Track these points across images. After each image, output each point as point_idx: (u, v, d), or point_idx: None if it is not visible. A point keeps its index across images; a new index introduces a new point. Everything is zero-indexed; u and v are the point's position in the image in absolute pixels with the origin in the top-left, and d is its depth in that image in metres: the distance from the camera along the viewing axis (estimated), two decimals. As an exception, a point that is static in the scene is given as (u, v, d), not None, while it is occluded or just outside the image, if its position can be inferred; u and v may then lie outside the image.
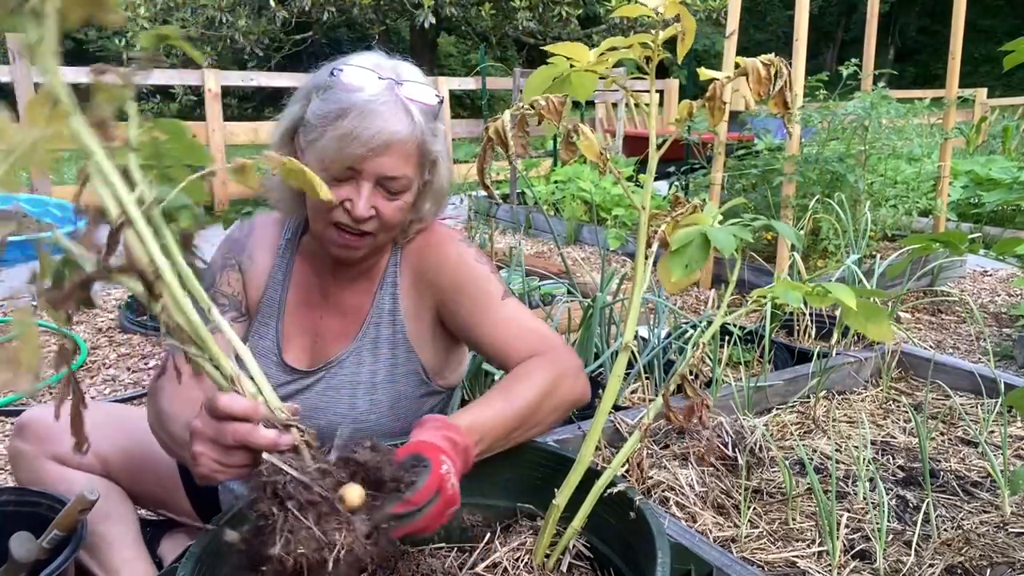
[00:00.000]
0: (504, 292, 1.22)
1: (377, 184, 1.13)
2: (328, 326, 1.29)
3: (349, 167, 1.11)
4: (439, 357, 1.30)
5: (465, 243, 1.27)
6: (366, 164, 1.10)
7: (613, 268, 2.23)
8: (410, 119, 1.11)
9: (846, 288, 0.95)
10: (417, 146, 1.13)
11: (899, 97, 3.91)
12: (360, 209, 1.12)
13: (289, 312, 1.30)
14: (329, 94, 1.12)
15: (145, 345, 3.10)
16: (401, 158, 1.12)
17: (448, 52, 23.80)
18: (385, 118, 1.08)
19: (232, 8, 10.22)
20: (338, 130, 1.08)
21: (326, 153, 1.11)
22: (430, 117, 1.15)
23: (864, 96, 3.53)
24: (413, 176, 1.16)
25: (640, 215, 0.95)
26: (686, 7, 0.90)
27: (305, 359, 1.28)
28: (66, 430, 1.34)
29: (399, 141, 1.10)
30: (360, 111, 1.08)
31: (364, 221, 1.14)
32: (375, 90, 1.10)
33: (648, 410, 1.00)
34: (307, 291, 1.31)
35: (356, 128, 1.08)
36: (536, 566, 0.99)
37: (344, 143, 1.09)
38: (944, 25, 4.10)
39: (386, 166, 1.11)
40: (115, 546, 1.29)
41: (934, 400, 2.03)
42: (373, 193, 1.13)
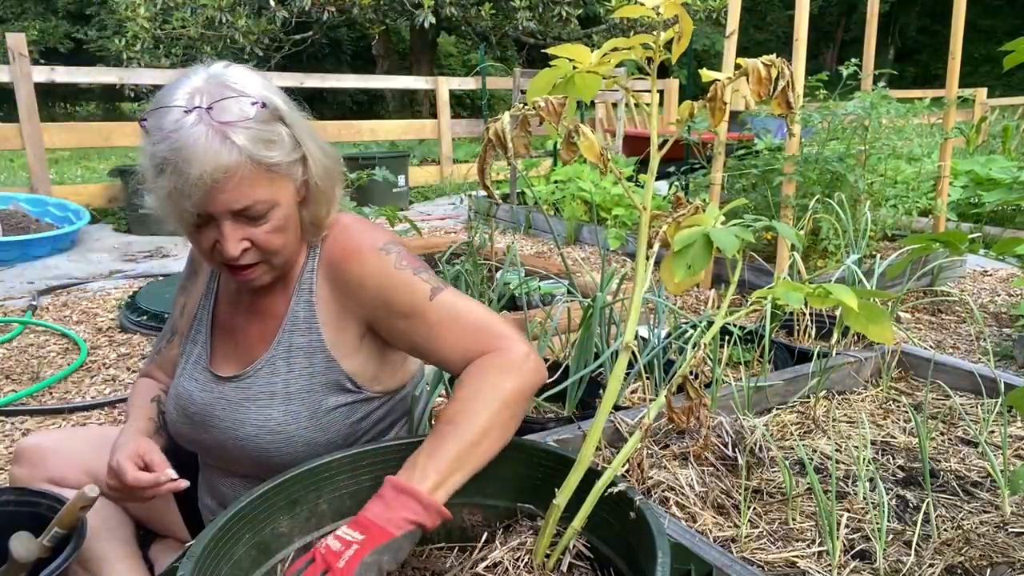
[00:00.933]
0: (432, 290, 1.15)
1: (236, 216, 1.07)
2: (248, 330, 1.27)
3: (197, 214, 1.05)
4: (371, 364, 1.24)
5: (383, 250, 1.18)
6: (209, 207, 1.04)
7: (613, 268, 2.23)
8: (229, 145, 1.02)
9: (847, 289, 0.95)
10: (252, 168, 1.04)
11: (899, 97, 3.90)
12: (229, 251, 1.08)
13: (218, 318, 1.31)
14: (147, 147, 1.05)
15: (145, 345, 3.10)
16: (242, 186, 1.04)
17: (448, 52, 23.80)
18: (201, 159, 1.00)
19: (232, 8, 10.21)
20: (163, 188, 1.03)
21: (166, 210, 1.07)
22: (259, 129, 1.05)
23: (864, 96, 3.53)
24: (270, 194, 1.08)
25: (641, 215, 0.95)
26: (686, 7, 0.90)
27: (229, 365, 1.26)
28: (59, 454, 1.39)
29: (226, 176, 1.02)
30: (173, 162, 1.01)
31: (239, 256, 1.10)
32: (184, 131, 1.01)
33: (649, 410, 1.00)
34: (230, 296, 1.31)
35: (177, 182, 1.01)
36: (536, 566, 0.99)
37: (174, 199, 1.04)
38: (944, 25, 4.10)
39: (229, 201, 1.05)
40: (107, 561, 1.30)
41: (934, 400, 2.03)
42: (236, 226, 1.08)
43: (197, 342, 1.31)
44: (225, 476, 1.28)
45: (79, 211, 5.47)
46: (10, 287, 4.11)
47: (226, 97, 1.05)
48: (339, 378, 1.21)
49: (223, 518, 0.95)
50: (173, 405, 1.29)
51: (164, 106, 1.04)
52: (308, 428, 1.19)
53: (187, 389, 1.27)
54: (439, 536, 1.15)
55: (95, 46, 16.57)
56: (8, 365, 2.89)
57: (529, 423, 1.79)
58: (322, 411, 1.20)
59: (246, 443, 1.19)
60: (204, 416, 1.23)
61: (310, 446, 1.18)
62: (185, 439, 1.29)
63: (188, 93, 1.05)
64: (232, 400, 1.21)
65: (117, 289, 4.08)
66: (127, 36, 10.35)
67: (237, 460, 1.23)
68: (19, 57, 5.66)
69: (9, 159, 12.11)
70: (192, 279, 1.40)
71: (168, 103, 1.04)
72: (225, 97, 1.05)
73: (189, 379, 1.28)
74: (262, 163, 1.06)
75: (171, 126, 1.02)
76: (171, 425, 1.30)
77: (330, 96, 23.96)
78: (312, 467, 1.07)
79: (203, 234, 1.09)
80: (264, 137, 1.06)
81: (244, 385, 1.22)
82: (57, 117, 23.32)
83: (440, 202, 7.41)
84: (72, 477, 1.34)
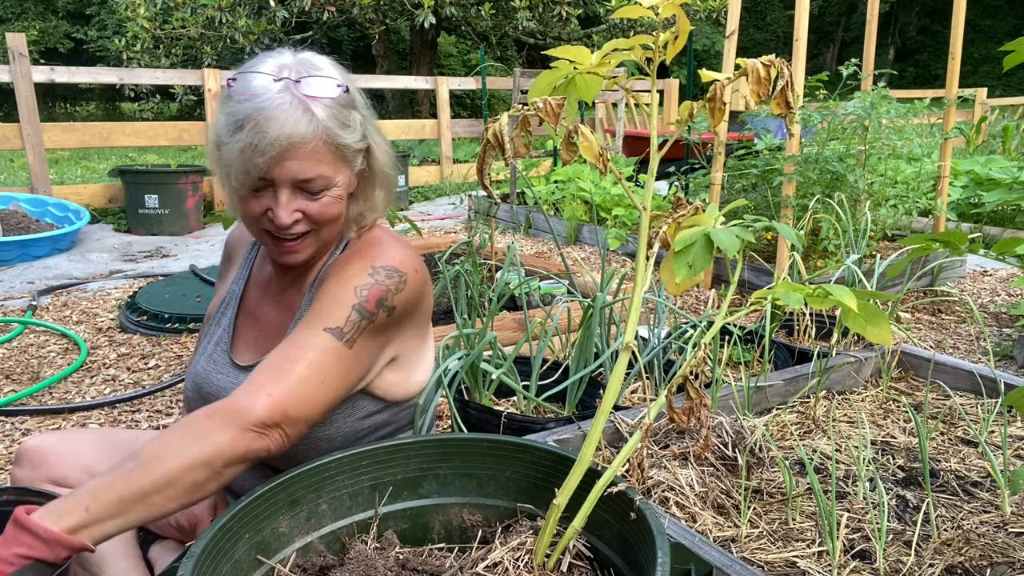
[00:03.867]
0: (336, 329, 1.10)
1: (295, 187, 1.11)
2: (271, 319, 1.29)
3: (260, 177, 1.09)
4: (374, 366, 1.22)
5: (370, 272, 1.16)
6: (274, 172, 1.08)
7: (613, 268, 2.23)
8: (310, 117, 1.08)
9: (847, 290, 0.95)
10: (324, 142, 1.10)
11: (899, 97, 3.91)
12: (281, 218, 1.11)
13: (245, 302, 1.34)
14: (227, 106, 1.10)
15: (145, 345, 3.11)
16: (310, 158, 1.09)
17: (448, 52, 23.80)
18: (281, 122, 1.05)
19: (232, 8, 10.21)
20: (239, 143, 1.06)
21: (234, 167, 1.09)
22: (338, 109, 1.11)
23: (864, 96, 3.53)
24: (333, 172, 1.13)
25: (641, 215, 0.95)
26: (686, 8, 0.90)
27: (248, 352, 1.28)
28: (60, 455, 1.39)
29: (301, 142, 1.07)
30: (255, 120, 1.05)
31: (291, 226, 1.12)
32: (269, 95, 1.07)
33: (649, 410, 1.00)
34: (260, 284, 1.33)
35: (254, 138, 1.05)
36: (536, 566, 0.99)
37: (246, 155, 1.06)
38: (944, 25, 4.10)
39: (295, 169, 1.09)
40: (107, 562, 1.30)
41: (934, 400, 2.03)
42: (293, 196, 1.11)
43: (221, 324, 1.33)
44: None
45: (79, 211, 5.47)
46: (10, 287, 4.11)
47: (313, 75, 1.11)
48: None
49: (223, 518, 0.95)
50: (191, 382, 1.31)
51: (254, 71, 1.10)
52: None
53: (205, 369, 1.29)
54: (439, 536, 1.15)
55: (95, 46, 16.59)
56: (8, 365, 2.89)
57: (529, 423, 1.79)
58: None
59: None
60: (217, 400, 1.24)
61: (312, 440, 1.19)
62: None
63: (277, 66, 1.11)
64: None
65: (117, 289, 4.08)
66: (127, 36, 10.36)
67: None
68: (19, 57, 5.66)
69: (9, 159, 12.12)
70: (227, 264, 1.43)
71: (258, 70, 1.10)
72: (312, 75, 1.11)
73: (208, 360, 1.30)
74: (333, 141, 1.11)
75: (258, 89, 1.07)
76: (187, 401, 1.33)
77: (330, 96, 23.89)
78: (312, 467, 1.07)
79: (258, 200, 1.12)
80: (340, 118, 1.12)
81: None
82: (57, 117, 23.33)
83: (440, 202, 7.41)
84: (73, 477, 1.34)
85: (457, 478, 1.15)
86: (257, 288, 1.34)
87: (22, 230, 5.02)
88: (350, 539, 1.10)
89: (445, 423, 2.27)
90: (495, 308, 2.06)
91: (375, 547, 1.09)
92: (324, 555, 1.07)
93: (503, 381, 1.87)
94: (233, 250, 1.42)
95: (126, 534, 1.37)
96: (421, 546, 1.14)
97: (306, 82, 1.09)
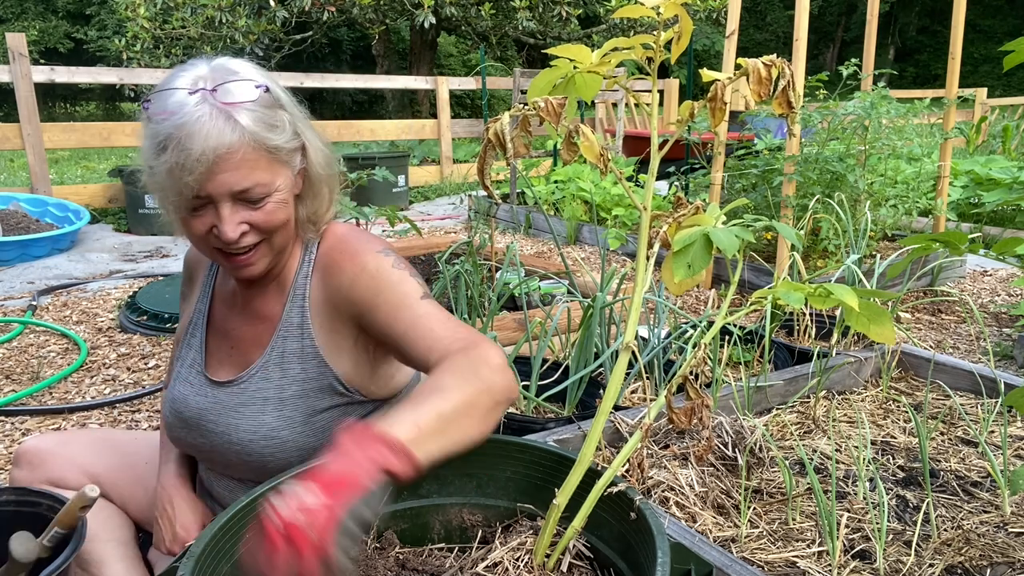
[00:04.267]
0: (423, 293, 1.14)
1: (235, 199, 1.07)
2: (243, 333, 1.26)
3: (195, 196, 1.05)
4: (362, 370, 1.22)
5: (382, 252, 1.18)
6: (208, 187, 1.04)
7: (613, 268, 2.23)
8: (233, 124, 1.03)
9: (848, 289, 0.95)
10: (254, 148, 1.05)
11: (899, 97, 3.91)
12: (227, 233, 1.07)
13: (213, 320, 1.31)
14: (148, 129, 1.06)
15: (145, 345, 3.10)
16: (243, 167, 1.05)
17: (448, 52, 23.81)
18: (204, 135, 1.01)
19: (232, 8, 10.21)
20: (165, 165, 1.03)
21: (166, 190, 1.06)
22: (262, 111, 1.07)
23: (864, 96, 3.53)
24: (271, 177, 1.09)
25: (641, 215, 0.95)
26: (686, 7, 0.90)
27: (224, 370, 1.26)
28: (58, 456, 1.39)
29: (228, 153, 1.03)
30: (177, 138, 1.01)
31: (239, 240, 1.09)
32: (187, 109, 1.02)
33: (649, 410, 1.00)
34: (226, 298, 1.30)
35: (179, 157, 1.01)
36: (536, 566, 0.99)
37: (175, 176, 1.03)
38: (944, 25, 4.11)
39: (230, 181, 1.05)
40: (107, 564, 1.30)
41: (934, 400, 2.03)
42: (235, 209, 1.07)
43: (192, 346, 1.30)
44: (221, 478, 1.28)
45: (79, 211, 5.47)
46: (10, 287, 4.11)
47: (229, 80, 1.06)
48: (332, 382, 1.20)
49: (223, 518, 0.95)
50: (169, 409, 1.29)
51: (168, 88, 1.06)
52: (302, 433, 1.18)
53: (182, 393, 1.26)
54: (439, 536, 1.15)
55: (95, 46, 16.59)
56: (8, 365, 2.89)
57: (529, 423, 1.79)
58: (315, 415, 1.19)
59: (240, 448, 1.19)
60: (199, 421, 1.23)
61: (303, 451, 1.18)
62: (181, 443, 1.29)
63: (192, 78, 1.07)
64: (226, 405, 1.21)
65: (117, 289, 4.08)
66: (127, 36, 10.36)
67: (232, 464, 1.23)
68: (19, 57, 5.66)
69: (9, 159, 12.12)
70: (189, 285, 1.40)
71: (172, 86, 1.06)
72: (229, 80, 1.06)
73: (184, 383, 1.27)
74: (263, 145, 1.06)
75: (175, 106, 1.03)
76: (168, 429, 1.31)
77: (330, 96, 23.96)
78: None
79: (199, 219, 1.09)
80: (266, 120, 1.07)
81: (238, 390, 1.21)
82: (57, 117, 23.33)
83: (440, 202, 7.41)
84: (72, 478, 1.35)
85: (457, 478, 1.15)
86: (223, 304, 1.31)
87: (22, 230, 5.02)
88: (350, 539, 1.10)
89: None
90: (495, 308, 2.06)
91: (375, 547, 1.09)
92: (324, 555, 1.07)
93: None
94: (193, 269, 1.38)
95: (126, 534, 1.37)
96: (421, 546, 1.13)
97: (223, 89, 1.05)
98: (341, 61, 23.49)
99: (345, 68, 22.91)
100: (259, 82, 1.08)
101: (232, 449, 1.19)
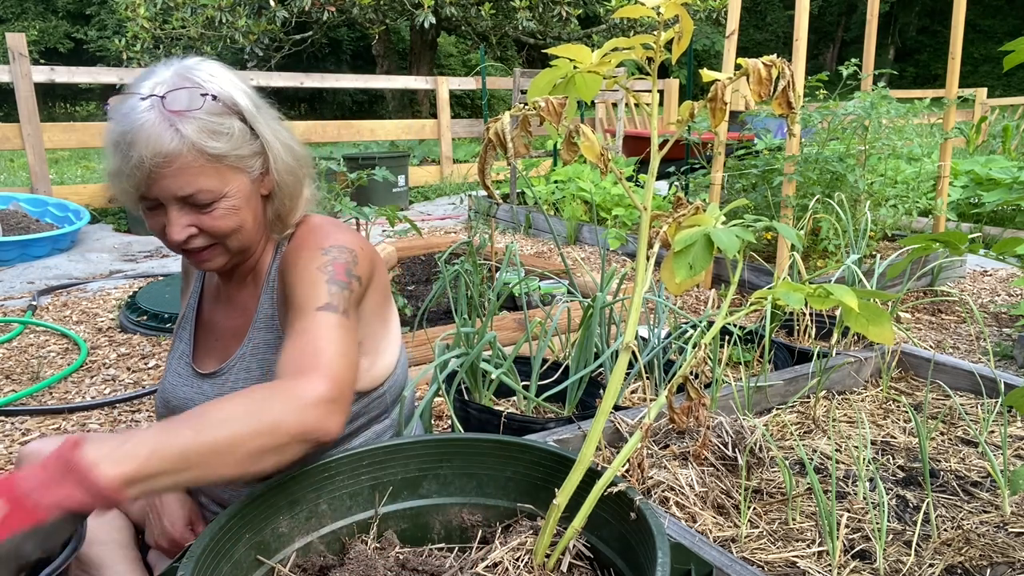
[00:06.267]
0: (326, 304, 1.09)
1: (182, 202, 1.10)
2: (225, 325, 1.30)
3: (143, 196, 1.09)
4: None
5: (324, 251, 1.16)
6: (152, 191, 1.08)
7: (613, 268, 2.23)
8: (173, 132, 1.05)
9: (848, 289, 0.95)
10: (195, 156, 1.07)
11: (899, 97, 3.91)
12: (172, 234, 1.10)
13: (201, 314, 1.35)
14: (108, 128, 1.10)
15: (145, 345, 3.10)
16: (184, 174, 1.07)
17: (448, 52, 23.81)
18: (144, 141, 1.04)
19: (232, 8, 10.21)
20: (114, 165, 1.08)
21: (117, 189, 1.10)
22: (208, 119, 1.08)
23: (864, 96, 3.53)
24: (218, 184, 1.10)
25: (641, 215, 0.95)
26: (686, 7, 0.90)
27: (210, 361, 1.29)
28: None
29: (166, 160, 1.05)
30: (125, 142, 1.05)
31: (186, 242, 1.12)
32: (136, 114, 1.05)
33: (649, 410, 1.00)
34: (212, 294, 1.34)
35: (123, 160, 1.06)
36: (536, 566, 0.99)
37: (120, 177, 1.08)
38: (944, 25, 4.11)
39: (173, 186, 1.07)
40: (107, 566, 1.30)
41: (934, 400, 2.03)
42: (182, 212, 1.10)
43: (182, 338, 1.35)
44: None
45: (79, 211, 5.47)
46: (10, 287, 4.11)
47: (180, 87, 1.08)
48: None
49: (223, 518, 0.95)
50: (160, 398, 1.33)
51: (128, 92, 1.09)
52: None
53: (171, 384, 1.30)
54: (439, 536, 1.15)
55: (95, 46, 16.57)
56: (8, 365, 2.89)
57: (529, 423, 1.79)
58: None
59: None
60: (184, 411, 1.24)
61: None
62: None
63: (153, 82, 1.09)
64: (209, 396, 1.23)
65: (117, 289, 4.08)
66: (127, 36, 10.36)
67: None
68: (19, 57, 5.66)
69: (9, 159, 12.12)
70: (186, 279, 1.44)
71: (132, 90, 1.09)
72: (179, 87, 1.08)
73: (173, 374, 1.32)
74: (206, 153, 1.08)
75: (127, 110, 1.06)
76: (157, 419, 1.34)
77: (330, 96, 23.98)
78: (312, 467, 1.07)
79: (154, 217, 1.12)
80: (211, 128, 1.08)
81: (220, 381, 1.24)
82: (57, 117, 23.33)
83: (440, 202, 7.41)
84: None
85: (457, 478, 1.15)
86: (210, 297, 1.35)
87: (22, 230, 5.02)
88: (350, 539, 1.10)
89: (444, 423, 2.27)
90: (494, 308, 2.06)
91: (375, 547, 1.09)
92: (324, 555, 1.07)
93: (503, 381, 1.87)
94: (187, 265, 1.43)
95: (126, 536, 1.37)
96: (421, 546, 1.14)
97: (172, 96, 1.07)
98: (341, 61, 23.50)
99: (345, 68, 22.92)
100: (207, 90, 1.09)
101: None
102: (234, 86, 1.14)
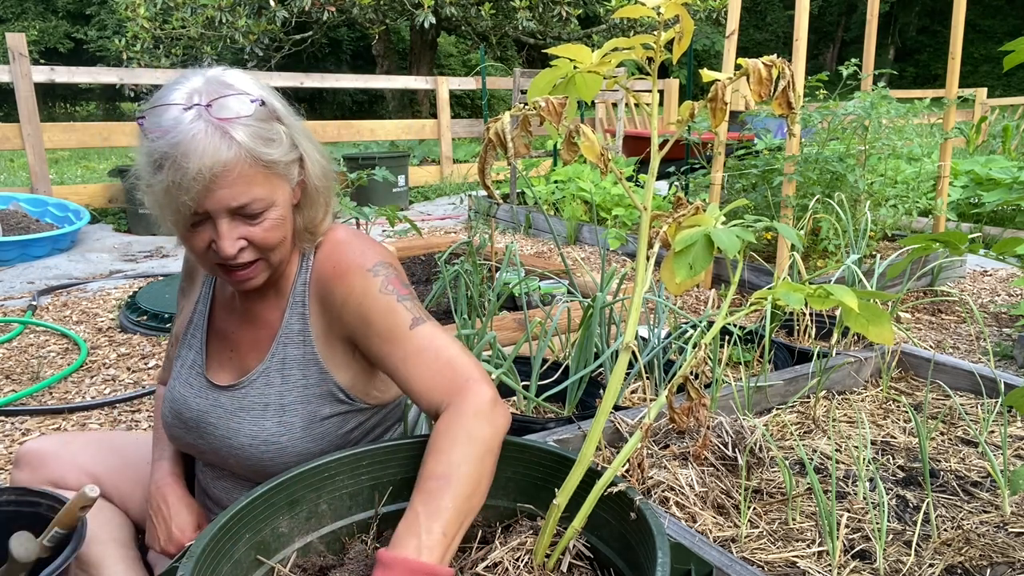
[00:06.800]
0: (413, 320, 1.13)
1: (233, 215, 1.07)
2: (243, 337, 1.26)
3: (193, 212, 1.04)
4: (360, 378, 1.23)
5: (372, 271, 1.17)
6: (206, 204, 1.04)
7: (613, 268, 2.23)
8: (229, 141, 1.02)
9: (847, 290, 0.95)
10: (251, 164, 1.05)
11: (899, 97, 3.91)
12: (225, 248, 1.07)
13: (213, 324, 1.31)
14: (143, 146, 1.05)
15: (145, 345, 3.10)
16: (240, 183, 1.04)
17: (448, 52, 23.80)
18: (200, 153, 1.00)
19: (232, 8, 10.21)
20: (161, 184, 1.02)
21: (164, 208, 1.06)
22: (258, 125, 1.06)
23: (864, 96, 3.53)
24: (269, 192, 1.08)
25: (641, 215, 0.95)
26: (686, 7, 0.90)
27: (224, 373, 1.26)
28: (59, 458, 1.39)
29: (224, 170, 1.02)
30: (172, 157, 1.00)
31: (237, 255, 1.09)
32: (182, 127, 1.01)
33: (649, 410, 1.00)
34: (226, 302, 1.31)
35: (175, 176, 1.00)
36: (536, 566, 0.99)
37: (172, 195, 1.02)
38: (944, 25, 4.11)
39: (227, 197, 1.04)
40: (106, 565, 1.30)
41: (934, 400, 2.03)
42: (234, 224, 1.07)
43: (192, 347, 1.31)
44: (218, 479, 1.28)
45: (79, 211, 5.47)
46: (10, 287, 4.11)
47: (225, 95, 1.05)
48: (332, 389, 1.20)
49: (223, 518, 0.95)
50: (168, 408, 1.29)
51: (162, 104, 1.04)
52: (301, 439, 1.18)
53: (182, 395, 1.27)
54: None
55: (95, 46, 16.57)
56: (8, 365, 2.89)
57: (529, 423, 1.79)
58: (315, 422, 1.19)
59: (239, 451, 1.19)
60: (199, 423, 1.23)
61: (303, 456, 1.18)
62: (179, 442, 1.29)
63: (187, 93, 1.05)
64: (227, 409, 1.21)
65: (117, 289, 4.08)
66: (127, 36, 10.36)
67: (230, 465, 1.23)
68: (19, 57, 5.66)
69: (9, 159, 12.12)
70: (189, 282, 1.40)
71: (166, 101, 1.04)
72: (224, 95, 1.05)
73: (184, 384, 1.28)
74: (260, 160, 1.06)
75: (169, 123, 1.02)
76: (166, 427, 1.31)
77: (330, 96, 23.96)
78: (312, 467, 1.07)
79: (198, 235, 1.08)
80: (263, 134, 1.06)
81: (239, 395, 1.21)
82: (57, 117, 23.33)
83: (440, 202, 7.41)
84: (72, 479, 1.35)
85: (457, 478, 1.15)
86: (223, 307, 1.31)
87: (22, 230, 5.02)
88: (350, 539, 1.10)
89: (445, 423, 2.27)
90: (494, 308, 2.06)
91: (375, 547, 1.09)
92: (324, 555, 1.07)
93: (503, 381, 1.87)
94: (193, 267, 1.38)
95: (126, 535, 1.37)
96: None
97: (218, 104, 1.03)
98: (341, 61, 23.49)
99: (345, 68, 22.91)
100: (255, 95, 1.07)
101: (231, 452, 1.20)
102: (268, 91, 1.12)
